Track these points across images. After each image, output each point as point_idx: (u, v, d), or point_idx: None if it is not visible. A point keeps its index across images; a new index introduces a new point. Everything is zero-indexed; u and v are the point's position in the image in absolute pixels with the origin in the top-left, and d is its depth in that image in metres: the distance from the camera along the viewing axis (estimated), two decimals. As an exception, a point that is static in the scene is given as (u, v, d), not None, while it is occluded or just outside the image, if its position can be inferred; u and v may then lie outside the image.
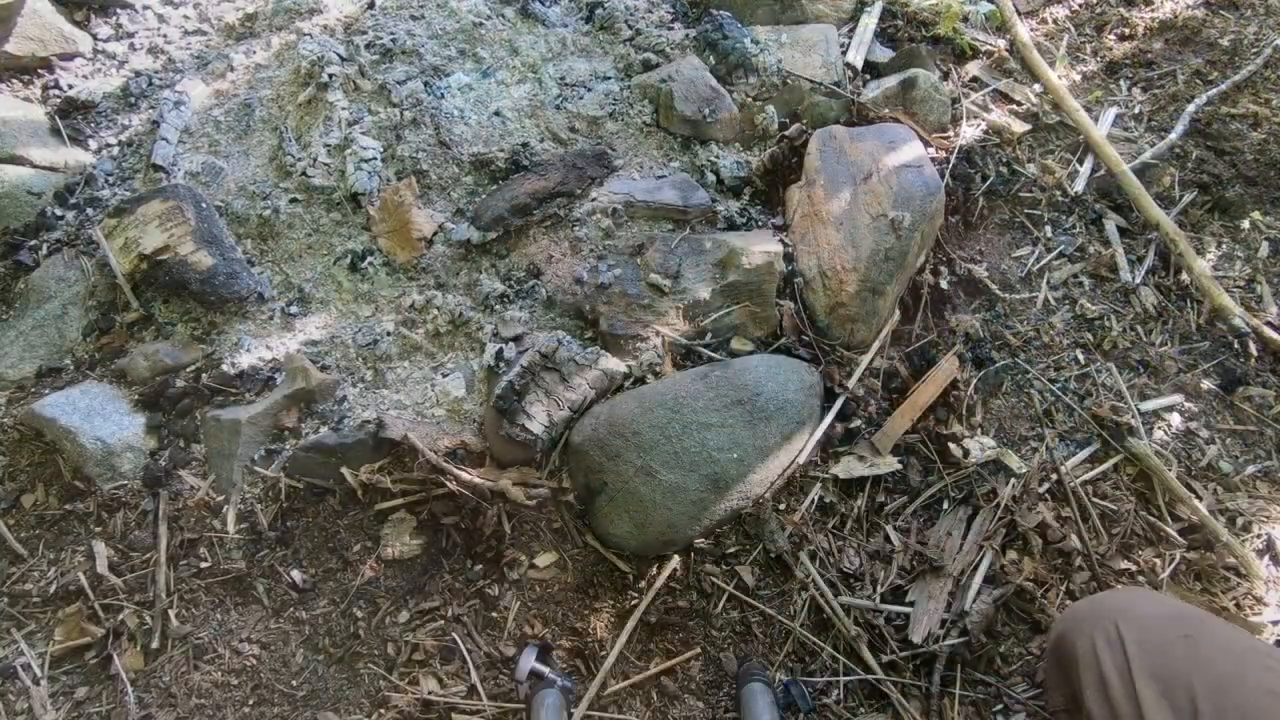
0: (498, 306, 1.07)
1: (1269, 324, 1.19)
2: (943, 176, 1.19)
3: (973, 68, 1.42)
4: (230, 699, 0.90)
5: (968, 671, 0.94)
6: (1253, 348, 1.17)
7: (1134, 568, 0.98)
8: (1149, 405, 1.13)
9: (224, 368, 1.06)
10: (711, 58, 1.26)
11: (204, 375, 1.06)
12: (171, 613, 0.94)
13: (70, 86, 1.29)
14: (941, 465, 1.06)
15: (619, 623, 0.93)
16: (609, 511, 0.94)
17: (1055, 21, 1.57)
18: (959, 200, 1.24)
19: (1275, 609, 0.98)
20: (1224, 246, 1.28)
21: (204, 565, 0.97)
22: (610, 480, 0.93)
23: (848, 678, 0.92)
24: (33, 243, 1.15)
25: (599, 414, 0.97)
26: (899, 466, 1.03)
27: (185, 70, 1.32)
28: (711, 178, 1.18)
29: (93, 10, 1.35)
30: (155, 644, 0.93)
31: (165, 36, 1.38)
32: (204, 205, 1.13)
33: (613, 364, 1.01)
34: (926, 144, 1.24)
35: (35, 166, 1.21)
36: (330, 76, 1.21)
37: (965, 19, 1.44)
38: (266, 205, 1.14)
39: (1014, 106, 1.40)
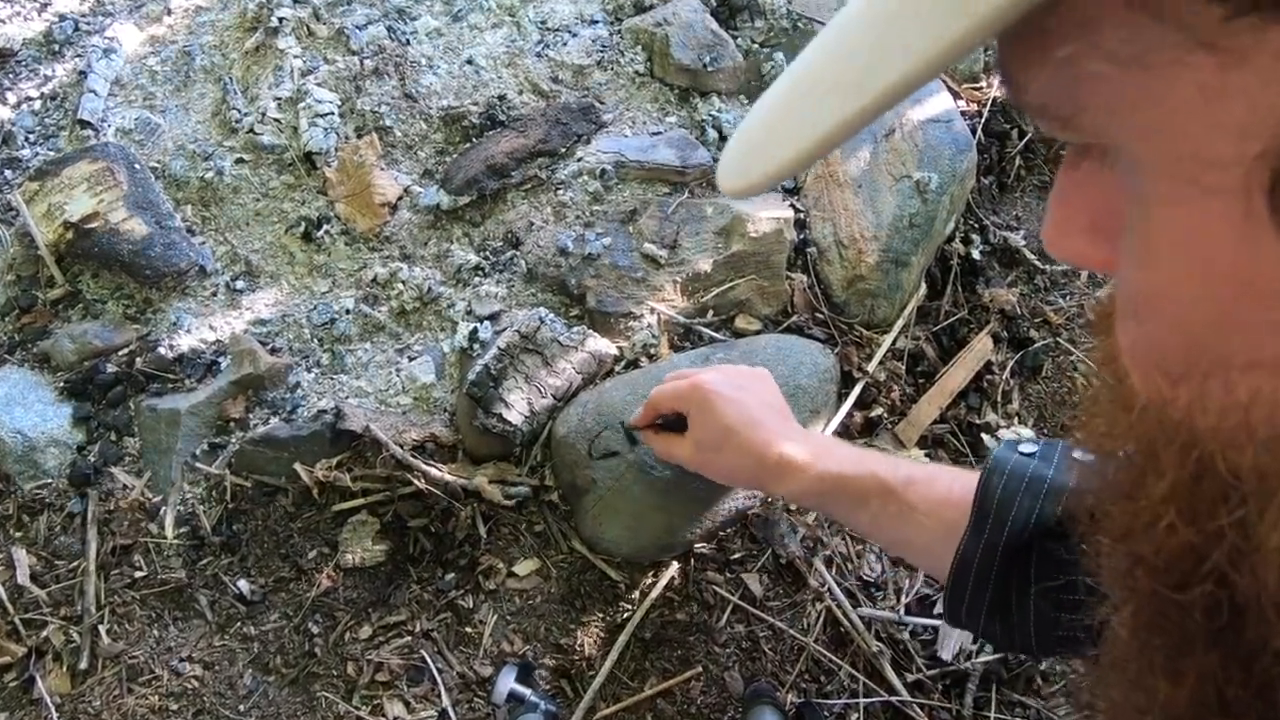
0: (471, 280, 1.02)
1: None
2: (974, 133, 1.13)
3: (1006, 12, 1.35)
4: (167, 727, 0.86)
5: (1004, 692, 0.90)
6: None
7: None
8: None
9: (161, 351, 1.00)
10: (713, -1, 1.19)
11: (138, 359, 1.01)
12: (102, 628, 0.90)
13: (-13, 33, 1.22)
14: (974, 459, 1.02)
15: (609, 638, 0.90)
16: (598, 513, 0.90)
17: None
18: (993, 159, 1.19)
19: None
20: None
21: (139, 575, 0.92)
22: (599, 477, 0.88)
23: (868, 699, 0.88)
24: (-56, 210, 1.09)
25: (586, 402, 0.92)
26: (926, 460, 0.99)
27: (116, 13, 1.25)
28: (713, 134, 1.12)
29: (14, -53, 1.27)
30: (84, 664, 0.89)
31: (95, -24, 1.30)
32: (138, 166, 1.07)
33: (602, 345, 0.96)
34: (956, 96, 1.18)
35: (-53, 123, 1.14)
36: (280, 20, 1.14)
37: (997, -43, 1.37)
38: (209, 166, 1.08)
39: (1052, 55, 1.34)
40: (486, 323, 0.98)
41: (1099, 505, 0.26)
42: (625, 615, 0.91)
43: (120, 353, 1.02)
